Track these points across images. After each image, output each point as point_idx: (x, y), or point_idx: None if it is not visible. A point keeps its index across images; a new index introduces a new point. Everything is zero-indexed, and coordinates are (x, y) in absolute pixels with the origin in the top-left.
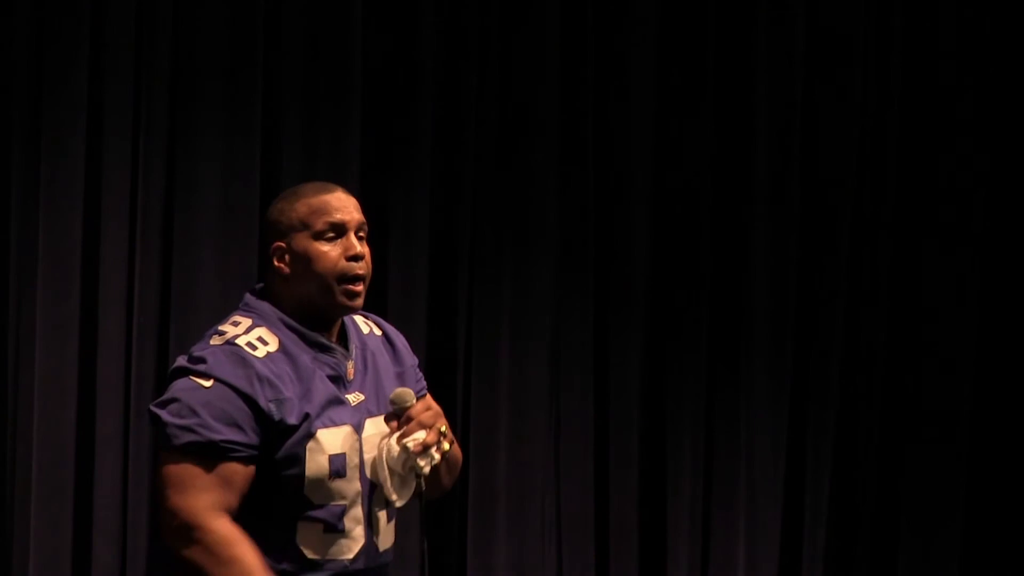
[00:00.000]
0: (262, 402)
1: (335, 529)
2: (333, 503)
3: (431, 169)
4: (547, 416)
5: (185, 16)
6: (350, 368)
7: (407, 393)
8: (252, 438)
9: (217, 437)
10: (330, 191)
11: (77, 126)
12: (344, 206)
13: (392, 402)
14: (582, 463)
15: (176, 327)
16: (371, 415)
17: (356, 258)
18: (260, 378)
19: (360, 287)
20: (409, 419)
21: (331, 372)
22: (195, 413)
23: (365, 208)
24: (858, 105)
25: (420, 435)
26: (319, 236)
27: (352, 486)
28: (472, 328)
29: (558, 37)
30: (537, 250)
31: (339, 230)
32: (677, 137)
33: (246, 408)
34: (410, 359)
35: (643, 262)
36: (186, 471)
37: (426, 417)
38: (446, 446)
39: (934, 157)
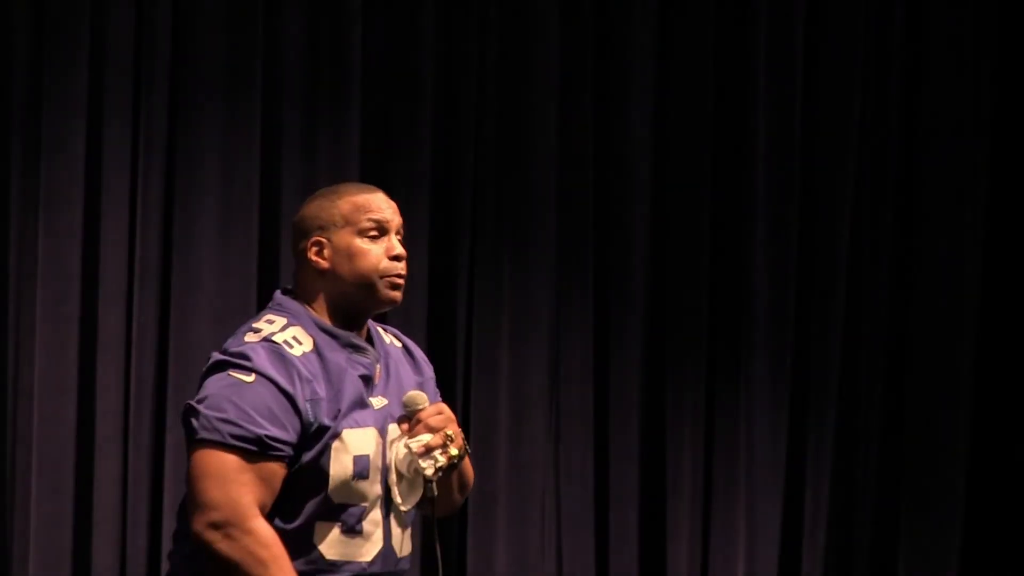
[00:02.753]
0: (300, 401)
1: (353, 531)
2: (353, 505)
3: (431, 169)
4: (547, 416)
5: (185, 16)
6: (378, 371)
7: (419, 396)
8: (292, 436)
9: (262, 432)
10: (373, 191)
11: (77, 126)
12: (388, 206)
13: (404, 404)
14: (582, 463)
15: (176, 327)
16: (394, 419)
17: (398, 258)
18: (300, 377)
19: (402, 283)
20: (418, 421)
21: (364, 372)
22: (238, 408)
23: None
24: (858, 104)
25: (425, 438)
26: (363, 233)
27: (373, 489)
28: (472, 328)
29: (558, 36)
30: (537, 250)
31: (382, 229)
32: (677, 137)
33: (287, 404)
34: (429, 371)
35: (643, 262)
36: (228, 464)
37: (434, 421)
38: (453, 451)
39: (934, 156)
